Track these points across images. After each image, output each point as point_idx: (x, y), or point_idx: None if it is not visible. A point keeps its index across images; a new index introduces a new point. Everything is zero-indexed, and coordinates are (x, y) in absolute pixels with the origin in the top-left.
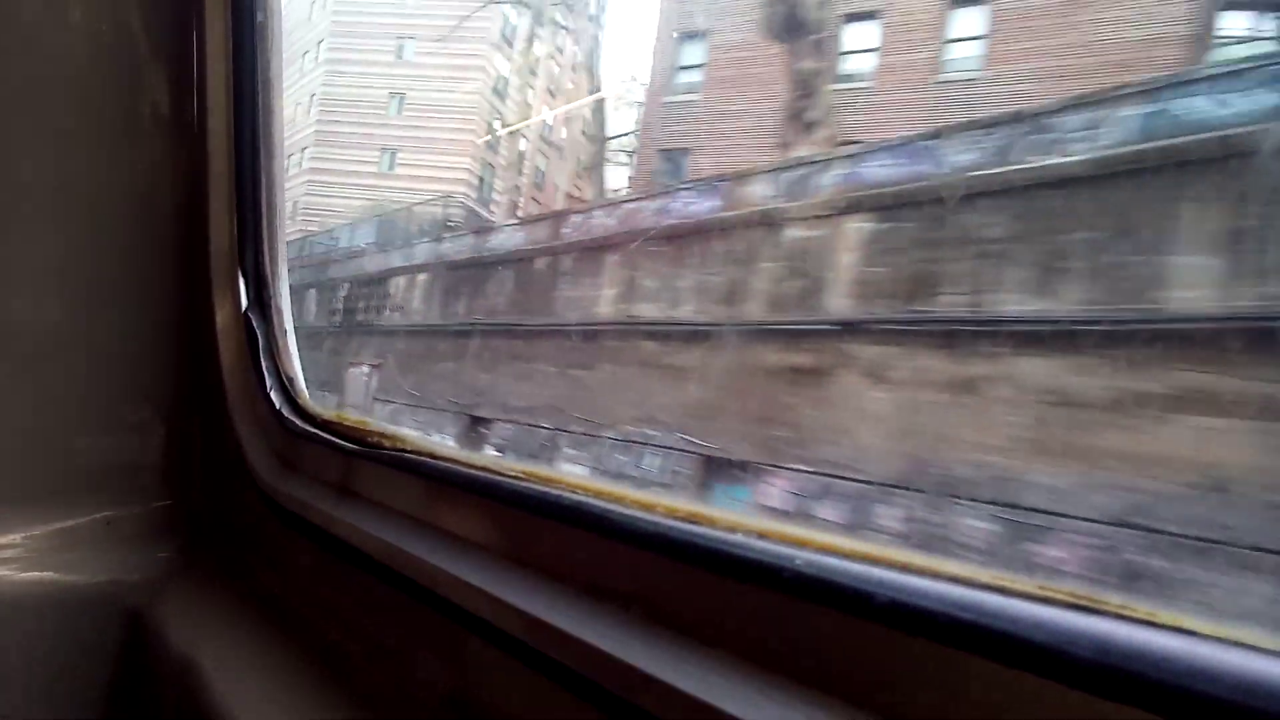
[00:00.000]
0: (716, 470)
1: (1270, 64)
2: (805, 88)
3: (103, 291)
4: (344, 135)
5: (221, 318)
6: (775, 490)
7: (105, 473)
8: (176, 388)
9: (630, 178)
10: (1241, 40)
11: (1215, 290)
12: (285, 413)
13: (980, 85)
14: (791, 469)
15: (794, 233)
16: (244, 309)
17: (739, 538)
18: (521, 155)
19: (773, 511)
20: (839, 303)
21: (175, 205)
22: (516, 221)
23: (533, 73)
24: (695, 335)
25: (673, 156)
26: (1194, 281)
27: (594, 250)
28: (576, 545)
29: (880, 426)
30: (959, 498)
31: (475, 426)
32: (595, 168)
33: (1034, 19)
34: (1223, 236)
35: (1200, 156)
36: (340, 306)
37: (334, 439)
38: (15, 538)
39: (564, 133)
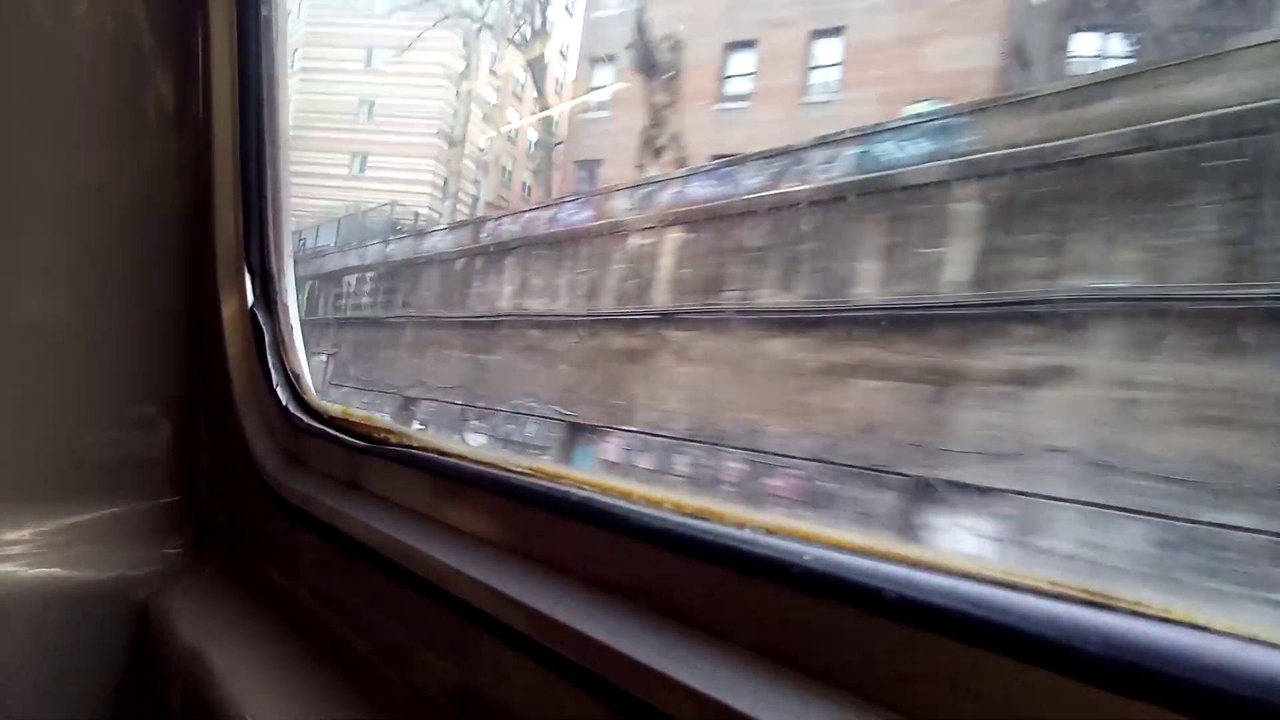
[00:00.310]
0: (576, 434)
1: (931, 120)
2: (656, 118)
3: (109, 288)
4: (318, 140)
5: (228, 314)
6: (611, 448)
7: (113, 469)
8: (183, 384)
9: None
10: (1091, 58)
11: (880, 287)
12: (292, 409)
13: (836, 106)
14: (622, 430)
15: (635, 240)
16: (250, 305)
17: (747, 533)
18: (485, 158)
19: (608, 464)
20: (661, 297)
21: (181, 201)
22: (445, 227)
23: (496, 78)
24: (566, 324)
25: (588, 166)
26: (868, 281)
27: (499, 253)
28: (584, 541)
29: (681, 394)
30: (724, 446)
31: (406, 406)
32: (542, 172)
33: (876, 51)
34: (885, 249)
35: (876, 188)
36: (305, 301)
37: (341, 435)
38: (24, 533)
39: (532, 135)
